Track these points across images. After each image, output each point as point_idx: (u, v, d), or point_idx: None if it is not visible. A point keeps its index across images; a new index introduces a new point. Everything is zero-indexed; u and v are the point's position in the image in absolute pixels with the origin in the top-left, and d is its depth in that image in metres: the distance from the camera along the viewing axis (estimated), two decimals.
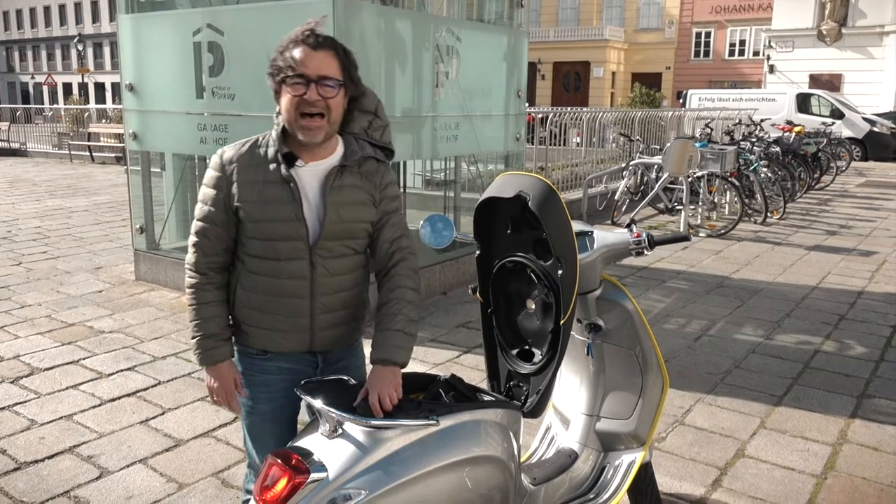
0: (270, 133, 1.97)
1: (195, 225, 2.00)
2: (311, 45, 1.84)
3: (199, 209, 1.99)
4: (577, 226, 2.39)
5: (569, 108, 11.17)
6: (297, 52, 1.83)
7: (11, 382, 4.13)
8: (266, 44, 5.23)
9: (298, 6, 4.97)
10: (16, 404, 3.85)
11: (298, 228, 1.92)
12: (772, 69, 28.99)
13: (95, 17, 58.45)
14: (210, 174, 1.98)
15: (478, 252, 2.39)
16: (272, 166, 1.92)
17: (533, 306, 2.29)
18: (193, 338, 2.00)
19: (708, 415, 3.84)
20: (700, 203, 9.25)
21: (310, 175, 1.93)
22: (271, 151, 1.94)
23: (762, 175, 9.81)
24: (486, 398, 2.15)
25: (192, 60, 5.46)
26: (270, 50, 1.90)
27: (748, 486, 3.14)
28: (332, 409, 1.78)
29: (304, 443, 1.82)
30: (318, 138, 1.88)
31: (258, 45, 5.16)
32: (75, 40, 47.80)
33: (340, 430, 1.80)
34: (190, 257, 2.01)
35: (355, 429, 1.80)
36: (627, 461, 2.53)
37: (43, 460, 3.27)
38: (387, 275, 2.05)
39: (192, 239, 2.00)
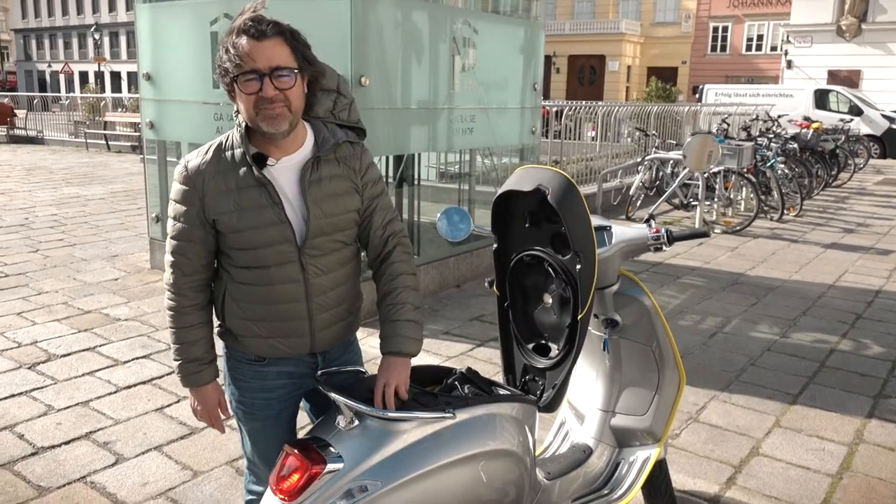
0: (233, 133, 1.84)
1: (170, 244, 1.87)
2: (256, 36, 1.69)
3: (172, 226, 1.85)
4: (595, 220, 2.38)
5: (584, 102, 11.11)
6: (242, 45, 1.68)
7: (29, 368, 4.17)
8: None
9: None
10: (33, 390, 3.88)
11: (284, 231, 1.81)
12: (790, 65, 28.72)
13: (112, 6, 58.68)
14: (177, 188, 1.83)
15: (495, 245, 2.38)
16: (242, 170, 1.79)
17: (550, 300, 2.28)
18: (176, 360, 1.93)
19: (722, 412, 3.81)
20: (716, 199, 9.19)
21: (284, 172, 1.81)
22: (238, 153, 1.80)
23: (779, 171, 9.72)
24: (502, 392, 2.15)
25: (209, 50, 5.47)
26: None
27: (763, 485, 3.12)
28: (350, 401, 1.78)
29: (321, 433, 1.82)
30: (283, 127, 1.74)
31: None
32: (92, 29, 48.04)
33: (357, 422, 1.80)
34: (168, 277, 1.89)
35: (372, 421, 1.80)
36: (642, 457, 2.52)
37: (59, 446, 3.30)
38: (384, 261, 1.96)
39: (169, 258, 1.88)
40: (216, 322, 1.98)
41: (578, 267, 2.12)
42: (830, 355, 4.67)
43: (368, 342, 2.68)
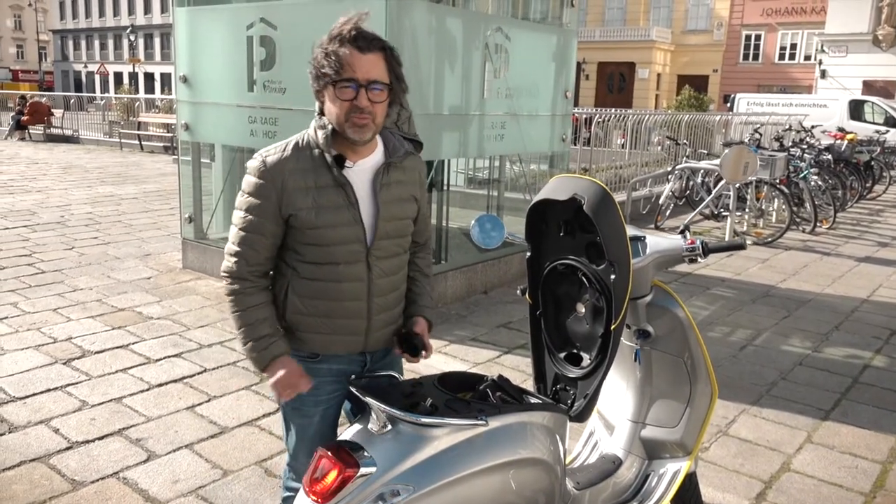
0: (310, 133, 1.91)
1: (237, 234, 1.91)
2: (360, 48, 1.78)
3: (242, 218, 1.90)
4: (629, 231, 2.37)
5: (613, 110, 11.06)
6: (344, 54, 1.77)
7: (64, 364, 4.25)
8: (318, 39, 5.31)
9: (353, 3, 5.00)
10: (68, 385, 3.96)
11: (357, 232, 1.90)
12: (823, 74, 28.31)
13: (147, 9, 59.66)
14: (253, 181, 1.88)
15: (528, 253, 2.38)
16: (321, 170, 1.87)
17: (583, 310, 2.27)
18: (246, 343, 1.92)
19: (753, 426, 3.77)
20: (747, 209, 9.09)
21: (359, 174, 1.91)
22: (316, 153, 1.88)
23: (812, 183, 9.59)
24: (534, 400, 2.15)
25: (244, 54, 5.54)
26: None
27: (794, 502, 3.08)
28: (384, 405, 1.79)
29: (354, 437, 1.84)
30: (367, 136, 1.86)
31: (310, 39, 5.19)
32: (127, 31, 48.91)
33: (390, 426, 1.82)
34: (230, 266, 1.92)
35: (405, 426, 1.81)
36: (672, 470, 2.50)
37: (93, 441, 3.37)
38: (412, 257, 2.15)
39: (234, 248, 1.91)
40: None
41: (613, 277, 2.12)
42: (864, 371, 4.59)
43: None
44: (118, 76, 58.45)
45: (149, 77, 58.22)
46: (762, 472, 3.31)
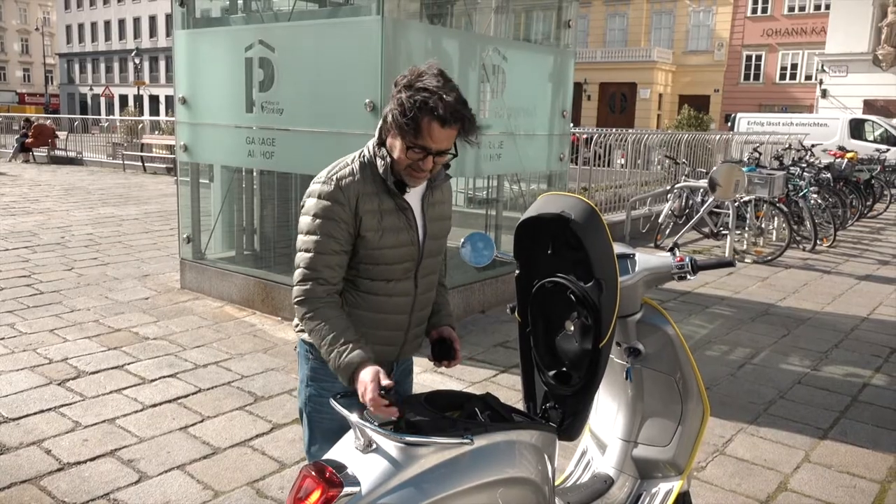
0: (366, 156, 1.99)
1: (313, 259, 1.93)
2: (442, 122, 1.83)
3: (316, 242, 1.93)
4: (619, 248, 2.37)
5: (614, 130, 11.10)
6: (430, 126, 1.83)
7: (59, 384, 4.24)
8: (316, 60, 5.36)
9: (349, 24, 5.07)
10: (62, 406, 3.95)
11: (413, 252, 2.04)
12: (824, 94, 28.42)
13: (153, 32, 60.31)
14: (325, 205, 1.92)
15: (517, 271, 2.38)
16: (384, 195, 1.97)
17: (572, 328, 2.26)
18: (331, 352, 1.89)
19: (750, 445, 3.74)
20: (746, 228, 9.08)
21: (411, 199, 2.04)
22: (378, 178, 1.97)
23: (812, 201, 9.59)
24: (522, 419, 2.14)
25: (243, 75, 5.59)
26: (320, 66, 1.93)
27: None
28: (367, 424, 1.78)
29: (338, 456, 1.83)
30: (419, 184, 2.01)
31: (308, 61, 5.26)
32: (132, 54, 49.37)
33: (375, 445, 1.80)
34: (308, 289, 1.93)
35: (389, 444, 1.80)
36: (665, 490, 2.48)
37: (85, 462, 3.35)
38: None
39: (309, 273, 1.93)
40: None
41: (600, 294, 2.11)
42: (863, 389, 4.56)
43: None
44: (123, 98, 59.01)
45: (154, 99, 58.69)
46: (759, 492, 3.28)
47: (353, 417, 1.81)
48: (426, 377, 4.35)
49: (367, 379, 1.81)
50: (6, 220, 10.05)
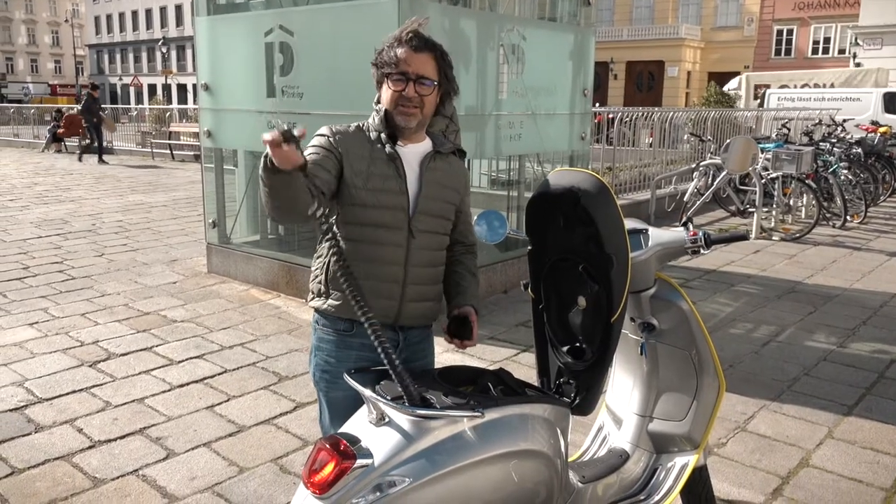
0: (370, 121, 2.13)
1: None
2: (413, 47, 2.02)
3: (308, 153, 1.97)
4: (631, 223, 2.37)
5: (640, 108, 10.97)
6: (400, 52, 2.01)
7: (90, 366, 4.36)
8: (334, 43, 5.39)
9: (367, 6, 5.06)
10: (93, 386, 4.06)
11: (401, 200, 2.07)
12: (858, 67, 27.69)
13: (179, 21, 60.79)
14: (318, 138, 2.09)
15: (530, 248, 2.39)
16: (377, 146, 2.08)
17: (584, 303, 2.27)
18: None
19: (772, 422, 3.72)
20: (774, 205, 8.95)
21: (408, 155, 2.10)
22: (374, 135, 2.09)
23: (842, 177, 9.40)
24: (534, 393, 2.16)
25: (263, 60, 5.64)
26: (339, 50, 2.00)
27: (811, 497, 3.04)
28: (380, 398, 1.82)
29: (351, 429, 1.87)
30: (412, 123, 2.06)
31: (327, 44, 5.29)
32: (160, 43, 49.81)
33: (387, 419, 1.84)
34: None
35: (401, 418, 1.83)
36: (680, 464, 2.48)
37: (115, 440, 3.45)
38: (458, 250, 2.29)
39: None
40: (313, 290, 2.14)
41: (612, 269, 2.12)
42: (890, 366, 4.50)
43: None
44: (152, 88, 59.60)
45: (181, 88, 59.23)
46: (780, 468, 3.27)
47: (367, 392, 1.85)
48: (447, 356, 4.39)
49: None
50: (39, 208, 10.28)
